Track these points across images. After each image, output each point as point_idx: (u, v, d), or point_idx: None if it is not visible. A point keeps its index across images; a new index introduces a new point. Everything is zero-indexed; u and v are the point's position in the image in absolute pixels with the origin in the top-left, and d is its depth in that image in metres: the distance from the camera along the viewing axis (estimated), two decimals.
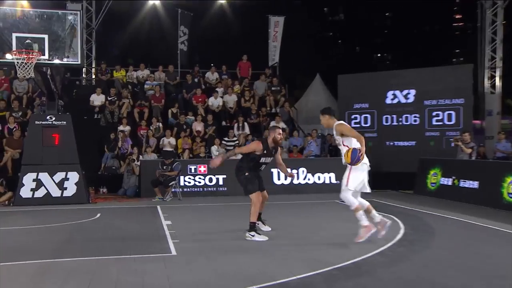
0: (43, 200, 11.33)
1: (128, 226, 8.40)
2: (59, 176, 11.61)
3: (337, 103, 16.49)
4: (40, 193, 11.45)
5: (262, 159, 7.41)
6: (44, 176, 11.54)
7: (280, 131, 7.52)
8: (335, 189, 13.91)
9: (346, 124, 6.79)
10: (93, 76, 17.99)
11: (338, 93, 16.01)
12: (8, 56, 10.93)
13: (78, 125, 12.56)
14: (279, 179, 13.51)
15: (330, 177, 13.75)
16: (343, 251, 6.29)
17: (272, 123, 15.70)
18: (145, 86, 16.65)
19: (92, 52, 18.08)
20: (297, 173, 13.51)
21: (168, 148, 14.06)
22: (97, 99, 15.62)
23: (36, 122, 11.89)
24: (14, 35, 10.61)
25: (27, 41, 10.61)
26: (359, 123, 15.27)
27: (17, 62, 10.59)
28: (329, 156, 14.88)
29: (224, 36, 19.54)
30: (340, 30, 23.88)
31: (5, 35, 10.90)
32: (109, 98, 15.67)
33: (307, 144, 14.98)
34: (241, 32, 19.22)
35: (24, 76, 11.16)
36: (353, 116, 15.39)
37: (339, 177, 13.84)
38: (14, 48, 10.58)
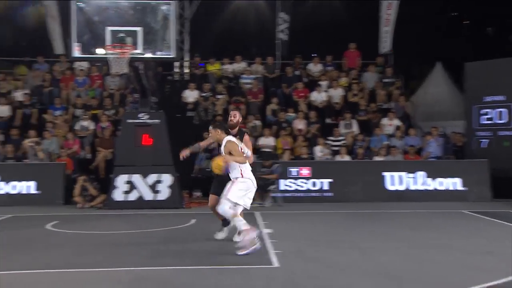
0: (136, 204, 11.96)
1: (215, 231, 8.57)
2: (152, 178, 12.19)
3: (463, 95, 15.58)
4: (133, 196, 12.11)
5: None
6: (136, 179, 12.17)
7: (235, 113, 7.91)
8: (461, 197, 13.35)
9: (236, 143, 7.12)
10: (186, 71, 18.67)
11: (464, 84, 15.15)
12: (100, 50, 11.70)
13: (171, 123, 13.05)
14: (392, 184, 13.07)
15: (455, 183, 13.04)
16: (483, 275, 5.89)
17: (384, 120, 15.24)
18: (242, 80, 16.99)
19: (185, 45, 18.78)
20: (414, 178, 13.01)
21: (267, 149, 14.21)
22: (190, 95, 16.20)
23: (129, 121, 12.59)
24: (108, 28, 11.33)
25: (120, 35, 11.28)
26: (491, 119, 14.32)
27: (111, 57, 11.29)
28: (454, 158, 14.12)
29: (329, 22, 19.33)
30: (467, 9, 22.52)
31: (98, 30, 11.68)
32: (203, 94, 16.17)
33: (426, 144, 14.35)
34: (349, 17, 18.87)
35: (117, 72, 11.89)
36: (483, 111, 14.47)
37: (467, 183, 13.08)
38: (108, 42, 11.29)
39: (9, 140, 14.52)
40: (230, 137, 7.22)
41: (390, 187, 13.09)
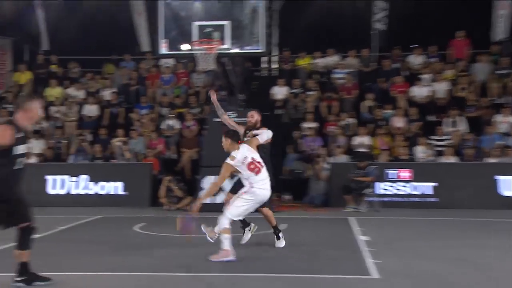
0: (224, 207, 12.15)
1: (316, 240, 8.58)
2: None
3: None
4: (220, 198, 12.32)
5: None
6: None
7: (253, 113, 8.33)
8: None
9: (230, 163, 7.40)
10: (275, 66, 18.80)
11: None
12: (187, 46, 12.07)
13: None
14: (507, 189, 12.44)
15: None
16: None
17: (498, 117, 14.51)
18: (334, 75, 16.86)
19: (273, 38, 18.91)
20: None
21: (361, 149, 14.01)
22: (279, 91, 16.30)
23: (215, 119, 12.87)
24: (194, 24, 11.68)
25: (207, 30, 11.58)
26: None
27: (198, 53, 11.63)
28: None
29: (432, 8, 18.64)
30: None
31: (185, 25, 12.07)
32: (292, 91, 16.24)
33: None
34: (456, 2, 18.06)
35: (204, 69, 12.23)
36: None
37: None
38: (195, 38, 11.64)
39: (98, 140, 15.37)
40: (235, 153, 7.47)
41: (504, 192, 12.46)
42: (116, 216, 11.68)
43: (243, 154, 7.42)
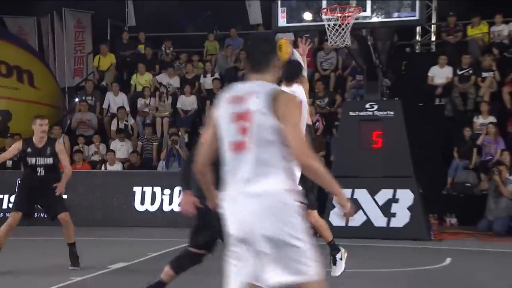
0: (362, 231, 11.98)
1: (496, 283, 8.24)
2: (384, 195, 12.13)
3: None
4: (357, 219, 12.19)
5: None
6: (362, 195, 12.21)
7: None
8: None
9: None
10: (433, 38, 18.30)
11: None
12: (309, 16, 12.01)
13: (410, 116, 12.92)
14: None
15: None
16: None
17: None
18: None
19: (432, 0, 18.42)
20: None
21: None
22: (439, 74, 15.83)
23: (351, 113, 12.73)
24: None
25: None
26: None
27: (328, 25, 11.54)
28: None
29: None
30: None
31: None
32: (459, 72, 15.71)
33: None
34: None
35: (335, 46, 12.09)
36: None
37: None
38: (323, 4, 11.56)
39: (196, 141, 15.68)
40: None
41: None
42: None
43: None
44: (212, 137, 4.29)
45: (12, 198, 14.11)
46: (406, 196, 12.04)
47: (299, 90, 7.34)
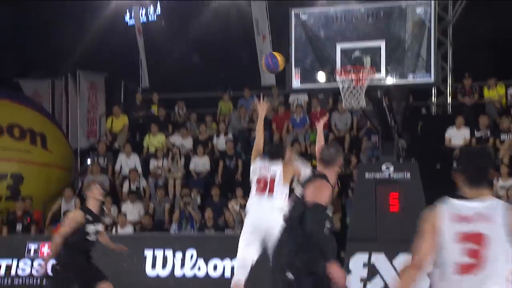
0: None
1: None
2: (403, 260, 11.83)
3: None
4: (375, 285, 11.87)
5: None
6: (380, 260, 11.96)
7: None
8: None
9: None
10: (449, 99, 18.21)
11: None
12: (325, 77, 11.92)
13: (427, 178, 12.70)
14: None
15: None
16: None
17: None
18: None
19: (448, 61, 18.33)
20: None
21: None
22: (456, 135, 15.67)
23: (367, 175, 12.52)
24: (338, 46, 11.53)
25: (355, 54, 11.39)
26: None
27: (342, 87, 11.44)
28: None
29: None
30: None
31: (324, 49, 11.95)
32: (477, 134, 15.57)
33: None
34: None
35: (350, 106, 11.98)
36: None
37: None
38: (338, 65, 11.48)
39: (209, 203, 15.53)
40: None
41: None
42: None
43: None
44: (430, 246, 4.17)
45: (21, 263, 13.99)
46: None
47: None
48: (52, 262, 9.11)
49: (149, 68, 20.60)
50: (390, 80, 11.76)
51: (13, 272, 14.04)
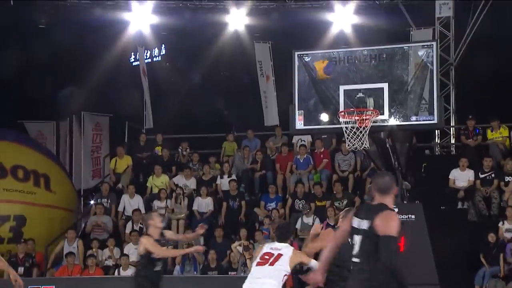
0: None
1: None
2: None
3: None
4: None
5: None
6: None
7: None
8: None
9: None
10: (453, 141, 18.17)
11: None
12: (327, 118, 11.94)
13: (432, 219, 12.68)
14: None
15: None
16: None
17: None
18: None
19: (451, 103, 18.37)
20: None
21: None
22: (461, 177, 15.61)
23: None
24: (341, 88, 11.58)
25: (359, 96, 11.42)
26: None
27: (346, 128, 11.44)
28: None
29: None
30: None
31: (327, 91, 12.00)
32: (481, 175, 15.47)
33: None
34: None
35: (353, 148, 11.97)
36: None
37: None
38: (341, 107, 11.50)
39: (212, 244, 15.41)
40: None
41: None
42: None
43: None
44: None
45: None
46: None
47: None
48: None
49: (153, 108, 20.64)
50: (393, 122, 11.76)
51: None
